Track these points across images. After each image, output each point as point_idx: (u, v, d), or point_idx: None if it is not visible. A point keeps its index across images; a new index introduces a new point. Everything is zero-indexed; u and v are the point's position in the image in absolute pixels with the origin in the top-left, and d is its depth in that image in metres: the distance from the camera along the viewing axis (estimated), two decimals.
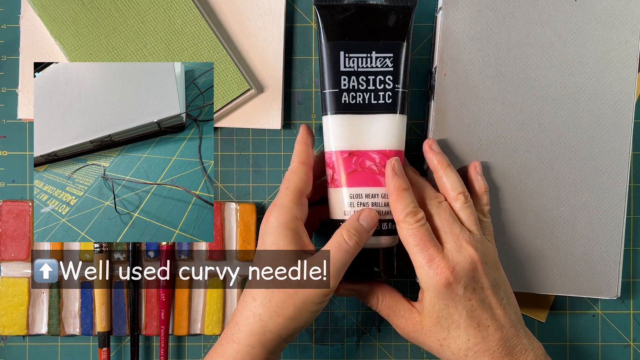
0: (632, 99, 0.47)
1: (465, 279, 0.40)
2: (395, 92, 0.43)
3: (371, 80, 0.43)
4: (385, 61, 0.43)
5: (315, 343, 0.51)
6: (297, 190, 0.42)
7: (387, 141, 0.43)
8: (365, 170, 0.43)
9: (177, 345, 0.51)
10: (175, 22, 0.48)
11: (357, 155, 0.43)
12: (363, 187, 0.43)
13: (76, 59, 0.48)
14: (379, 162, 0.43)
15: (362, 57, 0.43)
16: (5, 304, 0.49)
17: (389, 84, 0.43)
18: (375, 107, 0.43)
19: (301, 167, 0.43)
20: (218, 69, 0.48)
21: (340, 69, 0.43)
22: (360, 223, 0.41)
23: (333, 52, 0.43)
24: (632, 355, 0.51)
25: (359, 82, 0.43)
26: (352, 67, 0.43)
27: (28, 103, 0.49)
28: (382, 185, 0.43)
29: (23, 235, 0.49)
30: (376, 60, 0.43)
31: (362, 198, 0.43)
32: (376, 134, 0.43)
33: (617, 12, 0.47)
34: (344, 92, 0.43)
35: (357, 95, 0.43)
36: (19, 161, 0.51)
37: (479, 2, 0.47)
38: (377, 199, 0.43)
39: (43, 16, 0.48)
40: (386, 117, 0.43)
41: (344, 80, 0.43)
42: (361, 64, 0.43)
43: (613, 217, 0.47)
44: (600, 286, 0.47)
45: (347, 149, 0.43)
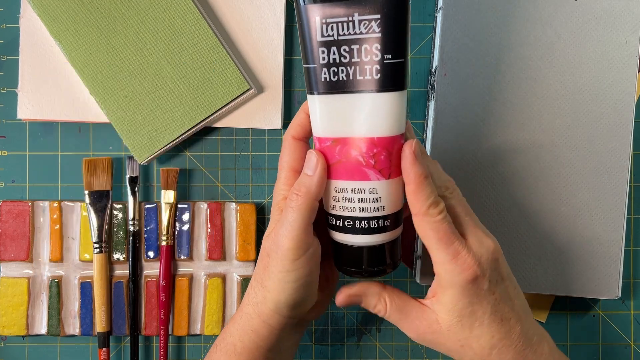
0: (632, 99, 0.47)
1: (490, 272, 0.37)
2: (385, 65, 0.34)
3: (355, 50, 0.34)
4: (371, 25, 0.34)
5: (315, 343, 0.51)
6: (291, 170, 0.39)
7: (375, 126, 0.35)
8: (351, 162, 0.36)
9: (177, 345, 0.51)
10: (175, 22, 0.48)
11: (341, 143, 0.36)
12: (348, 181, 0.36)
13: (76, 58, 0.48)
14: (366, 152, 0.36)
15: (342, 22, 0.34)
16: (5, 304, 0.49)
17: (377, 54, 0.34)
18: (360, 84, 0.35)
19: (292, 143, 0.39)
20: (218, 69, 0.48)
21: (318, 38, 0.35)
22: (305, 173, 0.37)
23: (309, 17, 0.35)
24: (633, 355, 0.51)
25: (341, 53, 0.35)
26: (331, 36, 0.35)
27: (28, 103, 0.49)
28: (370, 179, 0.36)
29: (23, 236, 0.49)
30: (360, 25, 0.34)
31: (347, 193, 0.37)
32: (362, 118, 0.35)
33: (617, 12, 0.47)
34: (324, 68, 0.35)
35: (339, 70, 0.35)
36: (19, 161, 0.51)
37: (479, 2, 0.47)
38: (364, 194, 0.36)
39: (43, 16, 0.48)
40: (373, 97, 0.35)
41: (322, 52, 0.35)
42: (342, 31, 0.34)
43: (613, 217, 0.47)
44: (601, 286, 0.47)
45: (329, 136, 0.36)
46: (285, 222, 0.37)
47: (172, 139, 0.49)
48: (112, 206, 0.50)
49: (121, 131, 0.49)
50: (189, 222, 0.50)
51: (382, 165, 0.36)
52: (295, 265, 0.37)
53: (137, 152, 0.49)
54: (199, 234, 0.50)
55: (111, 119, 0.49)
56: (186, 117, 0.48)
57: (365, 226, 0.37)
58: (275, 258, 0.37)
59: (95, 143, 0.51)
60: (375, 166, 0.36)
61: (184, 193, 0.51)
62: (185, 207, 0.50)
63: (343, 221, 0.38)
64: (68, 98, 0.49)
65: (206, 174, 0.51)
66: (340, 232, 0.38)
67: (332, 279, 0.43)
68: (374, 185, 0.36)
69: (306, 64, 0.36)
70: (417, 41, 0.51)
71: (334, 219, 0.38)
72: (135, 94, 0.48)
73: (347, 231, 0.38)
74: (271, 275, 0.38)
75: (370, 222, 0.37)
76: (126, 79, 0.48)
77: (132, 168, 0.50)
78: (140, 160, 0.49)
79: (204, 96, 0.48)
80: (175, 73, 0.48)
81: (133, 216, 0.50)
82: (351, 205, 0.37)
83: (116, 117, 0.48)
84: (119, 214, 0.50)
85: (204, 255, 0.50)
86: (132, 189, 0.50)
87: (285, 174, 0.39)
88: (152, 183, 0.51)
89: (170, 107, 0.48)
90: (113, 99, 0.48)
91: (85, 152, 0.51)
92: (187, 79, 0.48)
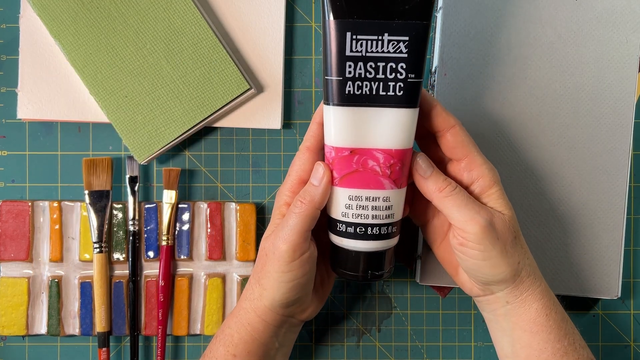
0: (632, 99, 0.47)
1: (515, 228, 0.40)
2: (408, 83, 0.37)
3: (381, 67, 0.37)
4: (399, 46, 0.36)
5: (315, 343, 0.51)
6: (298, 178, 0.41)
7: (394, 139, 0.38)
8: (367, 171, 0.38)
9: (176, 345, 0.51)
10: (175, 22, 0.48)
11: (359, 153, 0.38)
12: (364, 190, 0.39)
13: (76, 58, 0.48)
14: (383, 163, 0.38)
15: (372, 40, 0.36)
16: (4, 304, 0.49)
17: (401, 72, 0.37)
18: (383, 99, 0.37)
19: (305, 154, 0.40)
20: (218, 69, 0.48)
21: (346, 53, 0.37)
22: (312, 183, 0.39)
23: (338, 32, 0.36)
24: (632, 355, 0.51)
25: (367, 69, 0.37)
26: (359, 52, 0.36)
27: (28, 103, 0.49)
28: (385, 188, 0.38)
29: (23, 235, 0.49)
30: (388, 44, 0.36)
31: (361, 201, 0.39)
32: (382, 131, 0.38)
33: (617, 12, 0.47)
34: (349, 81, 0.37)
35: (363, 84, 0.37)
36: (19, 161, 0.51)
37: (479, 2, 0.47)
38: (378, 202, 0.39)
39: (43, 16, 0.48)
40: (394, 112, 0.37)
41: (349, 66, 0.37)
42: (370, 48, 0.36)
43: (613, 217, 0.47)
44: (601, 286, 0.47)
45: (348, 146, 0.38)
46: (286, 226, 0.39)
47: (172, 139, 0.49)
48: (112, 206, 0.50)
49: (121, 131, 0.49)
50: (189, 222, 0.50)
51: (397, 175, 0.39)
52: (291, 267, 0.39)
53: (137, 152, 0.49)
54: (199, 234, 0.50)
55: (111, 119, 0.49)
56: (186, 117, 0.48)
57: (377, 232, 0.39)
58: (273, 259, 0.39)
59: (95, 143, 0.51)
60: (391, 176, 0.39)
61: (183, 193, 0.51)
62: (185, 207, 0.50)
63: (355, 228, 0.39)
64: (68, 98, 0.49)
65: (206, 174, 0.51)
66: (349, 238, 0.40)
67: (327, 282, 0.45)
68: (388, 194, 0.39)
69: (329, 75, 0.37)
70: None
71: (344, 225, 0.40)
72: (135, 94, 0.48)
73: (359, 237, 0.40)
74: (268, 275, 0.40)
75: (382, 228, 0.39)
76: (126, 79, 0.48)
77: (132, 168, 0.50)
78: (140, 160, 0.49)
79: (203, 96, 0.48)
80: (175, 73, 0.48)
81: (133, 216, 0.50)
82: (365, 212, 0.39)
83: (116, 117, 0.48)
84: (119, 213, 0.50)
85: (204, 255, 0.50)
86: (132, 189, 0.50)
87: (292, 181, 0.41)
88: (152, 183, 0.51)
89: (170, 107, 0.48)
90: (113, 99, 0.48)
91: (85, 152, 0.51)
92: (187, 79, 0.48)
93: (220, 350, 0.42)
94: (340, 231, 0.40)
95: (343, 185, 0.39)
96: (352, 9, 0.36)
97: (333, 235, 0.41)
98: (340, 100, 0.37)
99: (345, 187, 0.39)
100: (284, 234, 0.39)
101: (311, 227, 0.39)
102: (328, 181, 0.39)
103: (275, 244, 0.39)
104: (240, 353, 0.42)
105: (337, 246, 0.41)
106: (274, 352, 0.43)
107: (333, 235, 0.41)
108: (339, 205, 0.39)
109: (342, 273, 0.41)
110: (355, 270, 0.40)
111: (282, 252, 0.39)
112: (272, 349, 0.43)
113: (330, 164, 0.39)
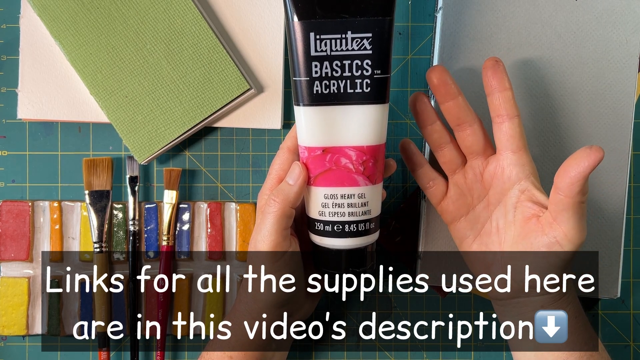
0: (632, 99, 0.47)
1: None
2: (374, 80, 0.38)
3: (347, 65, 0.37)
4: (363, 42, 0.37)
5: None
6: (277, 178, 0.41)
7: (365, 135, 0.38)
8: (341, 169, 0.39)
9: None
10: (175, 22, 0.48)
11: (331, 152, 0.39)
12: (338, 187, 0.39)
13: (76, 58, 0.48)
14: (356, 160, 0.39)
15: (336, 39, 0.37)
16: (5, 304, 0.49)
17: (367, 69, 0.37)
18: (351, 96, 0.38)
19: (285, 154, 0.41)
20: (218, 69, 0.48)
21: (311, 53, 0.37)
22: (287, 182, 0.40)
23: (302, 33, 0.37)
24: (632, 355, 0.51)
25: (333, 68, 0.37)
26: (324, 51, 0.37)
27: (28, 103, 0.49)
28: (359, 185, 0.39)
29: (23, 235, 0.49)
30: (352, 42, 0.37)
31: (337, 199, 0.39)
32: (353, 128, 0.38)
33: (617, 12, 0.47)
34: (316, 81, 0.37)
35: (330, 83, 0.37)
36: (19, 161, 0.51)
37: (479, 2, 0.47)
38: (353, 199, 0.39)
39: (43, 16, 0.48)
40: (364, 109, 0.38)
41: (315, 66, 0.37)
42: (335, 47, 0.37)
43: (613, 217, 0.47)
44: (601, 286, 0.47)
45: (320, 146, 0.39)
46: (262, 227, 0.40)
47: (172, 139, 0.49)
48: (112, 206, 0.50)
49: (121, 131, 0.49)
50: (189, 222, 0.50)
51: (370, 171, 0.39)
52: (277, 267, 0.40)
53: (137, 152, 0.49)
54: (199, 234, 0.50)
55: (111, 119, 0.49)
56: (186, 117, 0.48)
57: (354, 229, 0.40)
58: (257, 262, 0.40)
59: (95, 143, 0.51)
60: (364, 173, 0.39)
61: (184, 193, 0.51)
62: (185, 207, 0.50)
63: (332, 226, 0.40)
64: (68, 98, 0.49)
65: (206, 174, 0.51)
66: (328, 237, 0.40)
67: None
68: (362, 190, 0.39)
69: (296, 76, 0.38)
70: (417, 41, 0.51)
71: (322, 224, 0.40)
72: (135, 94, 0.48)
73: (337, 235, 0.40)
74: (257, 277, 0.41)
75: (359, 225, 0.40)
76: (126, 79, 0.48)
77: (132, 168, 0.50)
78: (140, 160, 0.49)
79: (203, 96, 0.48)
80: (175, 73, 0.48)
81: (133, 216, 0.50)
82: (341, 210, 0.39)
83: (116, 117, 0.48)
84: (119, 213, 0.50)
85: (204, 255, 0.50)
86: (132, 189, 0.50)
87: (271, 180, 0.42)
88: (152, 183, 0.51)
89: (170, 107, 0.48)
90: (113, 99, 0.48)
91: (85, 152, 0.51)
92: (187, 79, 0.48)
93: (217, 352, 0.43)
94: (319, 230, 0.40)
95: (318, 185, 0.40)
96: (314, 10, 0.36)
97: (313, 235, 0.41)
98: (310, 101, 0.38)
99: (320, 186, 0.39)
100: (261, 236, 0.39)
101: (288, 225, 0.40)
102: (304, 181, 0.39)
103: (256, 246, 0.40)
104: (236, 355, 0.42)
105: (318, 245, 0.41)
106: (270, 354, 0.44)
107: (313, 234, 0.41)
108: (316, 204, 0.40)
109: (325, 272, 0.42)
110: (338, 269, 0.41)
111: (264, 253, 0.39)
112: (268, 350, 0.43)
113: (304, 164, 0.40)
